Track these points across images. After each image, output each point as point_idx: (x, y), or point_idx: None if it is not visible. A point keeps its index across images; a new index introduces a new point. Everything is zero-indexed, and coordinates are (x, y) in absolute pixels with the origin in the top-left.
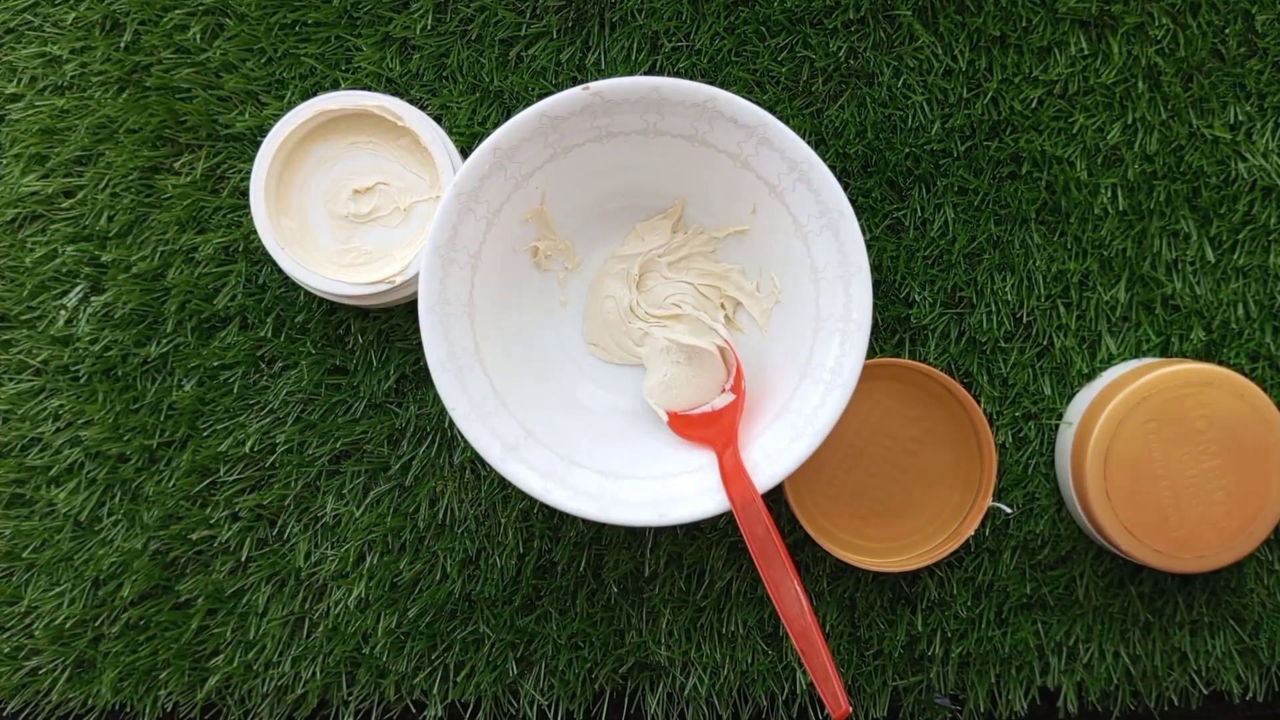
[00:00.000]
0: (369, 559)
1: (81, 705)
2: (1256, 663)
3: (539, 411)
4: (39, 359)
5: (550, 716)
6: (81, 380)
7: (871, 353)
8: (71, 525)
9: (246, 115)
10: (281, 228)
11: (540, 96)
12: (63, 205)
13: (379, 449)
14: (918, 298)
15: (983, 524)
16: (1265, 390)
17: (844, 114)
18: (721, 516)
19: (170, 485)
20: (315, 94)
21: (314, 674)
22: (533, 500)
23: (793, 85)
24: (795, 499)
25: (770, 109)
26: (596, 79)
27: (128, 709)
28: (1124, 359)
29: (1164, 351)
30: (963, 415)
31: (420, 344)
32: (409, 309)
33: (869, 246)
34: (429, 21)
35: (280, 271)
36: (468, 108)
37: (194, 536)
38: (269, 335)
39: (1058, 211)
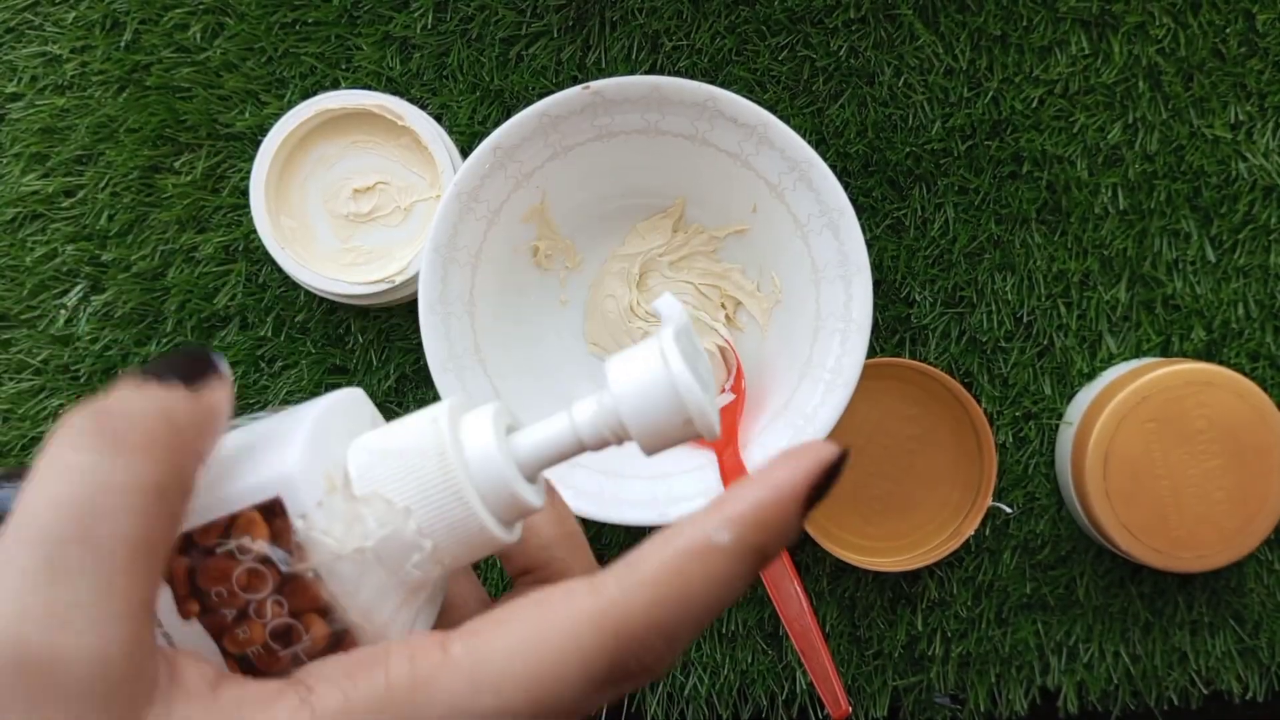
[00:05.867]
0: None
1: None
2: (1256, 663)
3: (539, 411)
4: (39, 358)
5: None
6: (82, 380)
7: (871, 353)
8: None
9: (247, 114)
10: (282, 227)
11: (541, 96)
12: (63, 205)
13: None
14: (918, 297)
15: (983, 524)
16: (1265, 390)
17: (844, 113)
18: None
19: None
20: (315, 93)
21: None
22: None
23: (793, 84)
24: None
25: (771, 108)
26: (597, 78)
27: None
28: (1124, 359)
29: (1164, 351)
30: (963, 415)
31: (420, 344)
32: (409, 309)
33: (869, 246)
34: (429, 20)
35: (280, 271)
36: (468, 107)
37: None
38: (269, 335)
39: (1058, 211)
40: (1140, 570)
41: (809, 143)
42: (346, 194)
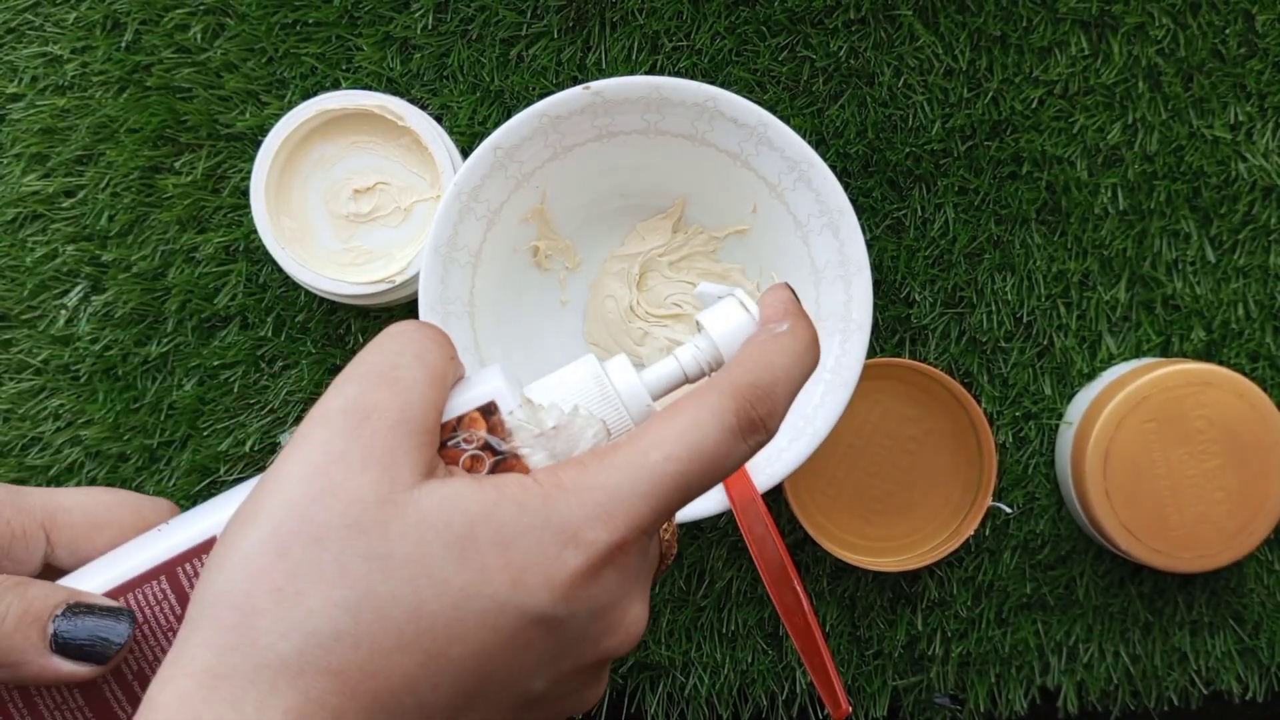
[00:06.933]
0: None
1: None
2: (1256, 663)
3: None
4: (39, 358)
5: None
6: (82, 380)
7: (871, 353)
8: None
9: (247, 115)
10: (282, 227)
11: (541, 96)
12: (63, 205)
13: None
14: (918, 298)
15: (983, 524)
16: (1265, 390)
17: (844, 114)
18: (721, 516)
19: (171, 485)
20: (316, 93)
21: None
22: None
23: (793, 85)
24: (795, 499)
25: (771, 109)
26: (597, 78)
27: None
28: (1124, 359)
29: (1164, 351)
30: (963, 415)
31: None
32: (409, 309)
33: (869, 246)
34: (429, 21)
35: (281, 271)
36: (468, 107)
37: None
38: (269, 335)
39: (1058, 211)
40: (1140, 570)
41: (809, 143)
42: (347, 194)
